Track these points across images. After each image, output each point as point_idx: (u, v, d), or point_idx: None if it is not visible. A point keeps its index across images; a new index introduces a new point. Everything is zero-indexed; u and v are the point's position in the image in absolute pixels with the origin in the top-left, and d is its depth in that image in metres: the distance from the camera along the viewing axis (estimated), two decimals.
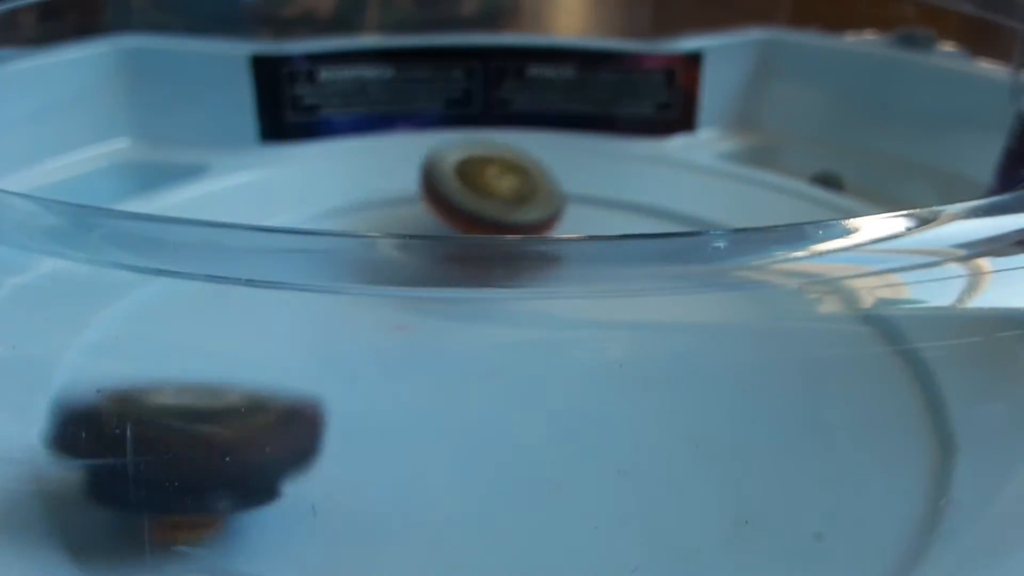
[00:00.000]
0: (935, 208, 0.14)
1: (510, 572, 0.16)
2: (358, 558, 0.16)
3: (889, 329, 0.15)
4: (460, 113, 0.38)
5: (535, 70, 0.38)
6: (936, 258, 0.14)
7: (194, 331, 0.15)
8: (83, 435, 0.14)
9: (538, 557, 0.16)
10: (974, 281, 0.14)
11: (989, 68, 0.34)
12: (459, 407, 0.16)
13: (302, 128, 0.37)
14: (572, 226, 0.33)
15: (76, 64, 0.34)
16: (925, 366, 0.16)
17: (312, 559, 0.16)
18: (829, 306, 0.14)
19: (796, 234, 0.14)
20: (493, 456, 0.16)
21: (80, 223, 0.14)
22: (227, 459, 0.14)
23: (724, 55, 0.38)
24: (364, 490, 0.16)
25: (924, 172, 0.35)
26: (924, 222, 0.14)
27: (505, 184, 0.31)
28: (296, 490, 0.16)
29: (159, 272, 0.14)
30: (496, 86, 0.38)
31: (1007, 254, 0.14)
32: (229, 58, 0.36)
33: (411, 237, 0.14)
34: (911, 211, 0.14)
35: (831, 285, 0.14)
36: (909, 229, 0.14)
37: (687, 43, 0.38)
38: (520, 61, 0.38)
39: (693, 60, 0.38)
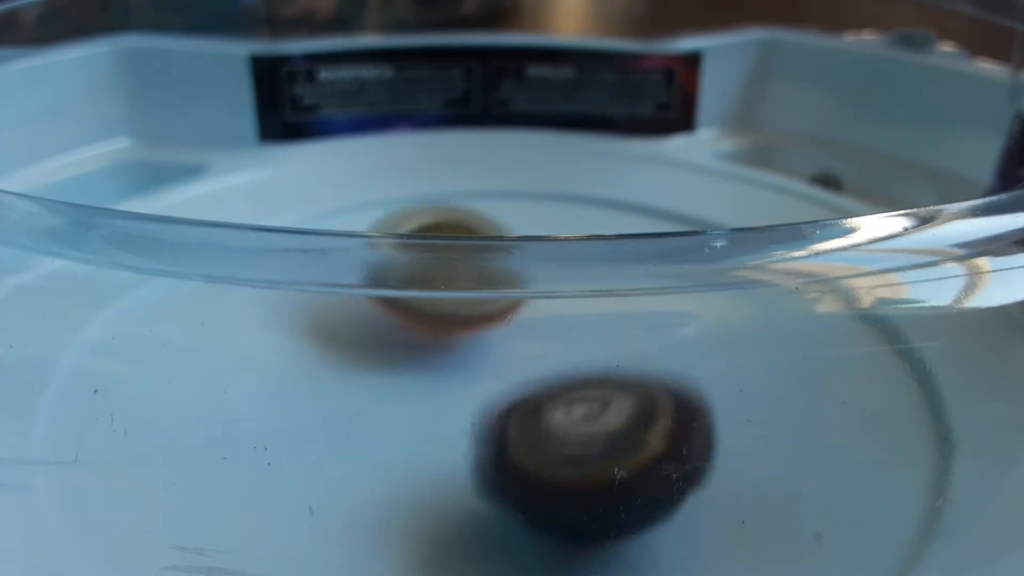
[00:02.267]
0: (934, 208, 0.14)
1: (508, 571, 0.16)
2: (356, 558, 0.16)
3: (888, 329, 0.15)
4: (459, 113, 0.39)
5: (534, 70, 0.38)
6: (935, 258, 0.14)
7: (194, 331, 0.15)
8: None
9: (536, 557, 0.16)
10: (973, 281, 0.14)
11: (988, 68, 0.34)
12: (458, 406, 0.16)
13: (302, 128, 0.37)
14: (572, 226, 0.33)
15: (76, 64, 0.34)
16: (924, 366, 0.16)
17: (311, 559, 0.16)
18: (828, 306, 0.14)
19: (795, 234, 0.14)
20: (490, 455, 0.16)
21: (80, 223, 0.14)
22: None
23: (723, 55, 0.38)
24: (363, 490, 0.16)
25: (923, 172, 0.35)
26: (923, 222, 0.14)
27: None
28: (293, 491, 0.16)
29: (159, 272, 0.14)
30: (495, 86, 0.38)
31: (1006, 254, 0.14)
32: (229, 58, 0.36)
33: (411, 237, 0.14)
34: (910, 211, 0.14)
35: (830, 285, 0.14)
36: (908, 229, 0.14)
37: (686, 43, 0.38)
38: (519, 61, 0.38)
39: (692, 60, 0.38)
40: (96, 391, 0.15)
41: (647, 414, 0.15)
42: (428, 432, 0.16)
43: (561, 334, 0.15)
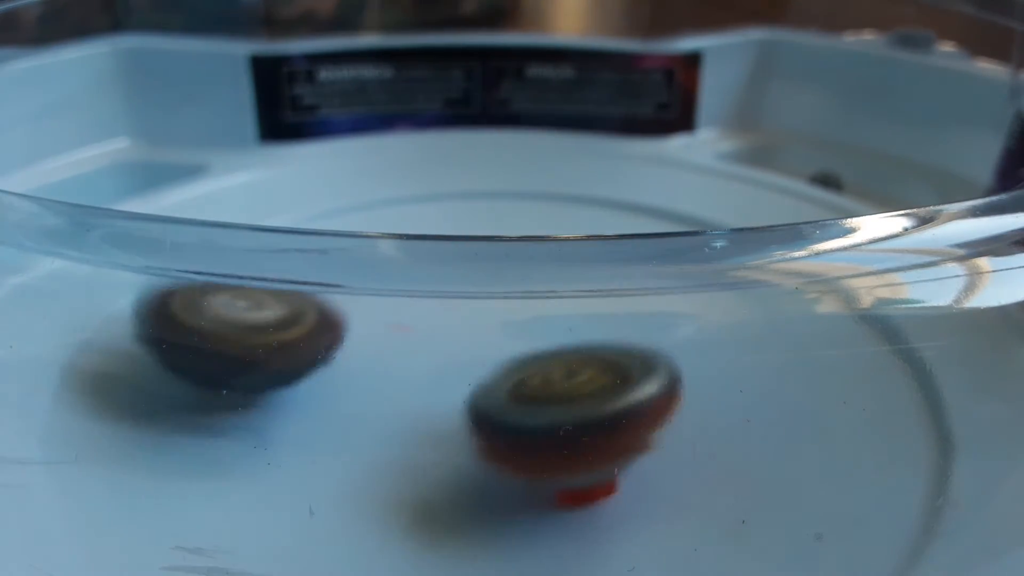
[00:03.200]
0: (934, 208, 0.14)
1: (508, 571, 0.16)
2: (356, 558, 0.16)
3: (888, 329, 0.15)
4: (459, 113, 0.39)
5: (534, 70, 0.38)
6: (935, 258, 0.14)
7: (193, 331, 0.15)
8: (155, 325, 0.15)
9: (536, 557, 0.16)
10: (973, 281, 0.14)
11: (988, 68, 0.34)
12: (457, 406, 0.16)
13: (301, 128, 0.37)
14: (572, 226, 0.33)
15: (76, 64, 0.34)
16: (924, 366, 0.16)
17: (310, 559, 0.16)
18: (828, 306, 0.14)
19: (795, 234, 0.14)
20: (490, 454, 0.16)
21: (80, 223, 0.14)
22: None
23: (723, 55, 0.38)
24: (362, 489, 0.16)
25: (923, 172, 0.35)
26: (923, 222, 0.14)
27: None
28: (294, 490, 0.16)
29: (159, 272, 0.14)
30: (495, 86, 0.38)
31: (1006, 254, 0.14)
32: (229, 58, 0.36)
33: (411, 237, 0.14)
34: (910, 211, 0.14)
35: (830, 285, 0.14)
36: (908, 229, 0.14)
37: (686, 43, 0.38)
38: (519, 61, 0.38)
39: (692, 60, 0.38)
40: (99, 391, 0.15)
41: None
42: (426, 432, 0.16)
43: (561, 334, 0.15)
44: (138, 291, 0.15)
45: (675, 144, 0.38)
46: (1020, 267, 0.14)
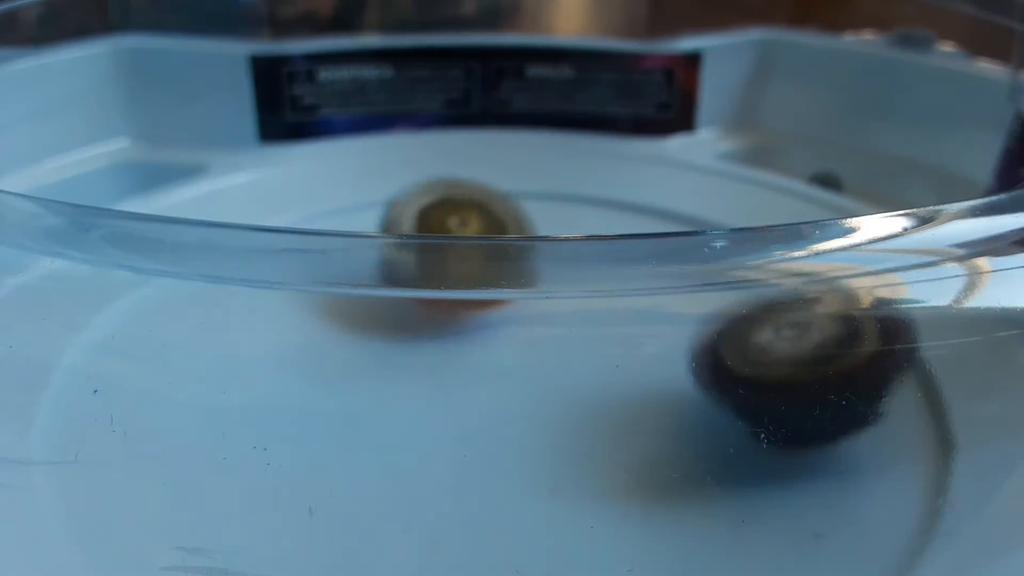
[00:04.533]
0: (934, 208, 0.14)
1: (507, 572, 0.16)
2: (356, 558, 0.16)
3: (888, 329, 0.15)
4: (459, 113, 0.39)
5: (534, 70, 0.38)
6: (935, 258, 0.14)
7: (194, 331, 0.15)
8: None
9: (535, 557, 0.16)
10: (973, 281, 0.14)
11: (988, 68, 0.34)
12: (457, 407, 0.16)
13: (301, 128, 0.37)
14: (572, 226, 0.33)
15: (76, 64, 0.34)
16: (924, 365, 0.16)
17: (310, 559, 0.16)
18: (828, 306, 0.14)
19: (795, 234, 0.14)
20: (491, 456, 0.16)
21: (79, 223, 0.14)
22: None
23: (723, 55, 0.38)
24: (362, 490, 0.16)
25: (923, 172, 0.35)
26: (923, 222, 0.14)
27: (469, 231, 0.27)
28: (293, 491, 0.16)
29: (159, 272, 0.14)
30: (495, 86, 0.38)
31: (1006, 254, 0.14)
32: (228, 58, 0.36)
33: (411, 237, 0.14)
34: (910, 211, 0.14)
35: (830, 285, 0.14)
36: (908, 229, 0.14)
37: (686, 43, 0.38)
38: (519, 61, 0.38)
39: (692, 60, 0.38)
40: (96, 391, 0.15)
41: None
42: (428, 436, 0.16)
43: (561, 334, 0.15)
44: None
45: (675, 144, 0.38)
46: (1020, 267, 0.14)
